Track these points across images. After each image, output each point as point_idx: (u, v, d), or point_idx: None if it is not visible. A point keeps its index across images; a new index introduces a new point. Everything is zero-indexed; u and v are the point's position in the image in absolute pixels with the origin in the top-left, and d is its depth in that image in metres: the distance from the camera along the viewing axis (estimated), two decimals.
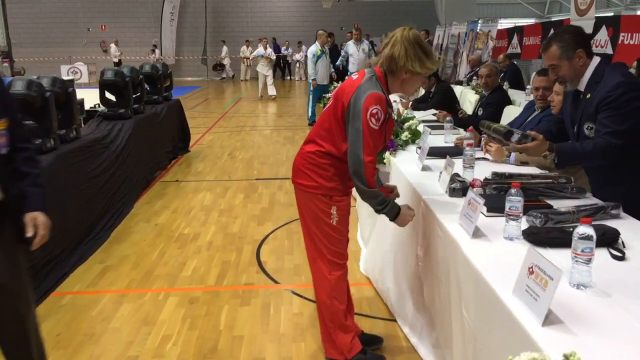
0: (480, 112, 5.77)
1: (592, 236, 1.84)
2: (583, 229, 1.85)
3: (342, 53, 13.25)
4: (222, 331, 3.43)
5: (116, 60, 24.11)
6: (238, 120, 12.66)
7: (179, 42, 25.60)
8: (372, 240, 4.18)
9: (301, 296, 3.88)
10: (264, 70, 16.51)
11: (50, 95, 4.40)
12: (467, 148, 3.33)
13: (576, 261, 1.87)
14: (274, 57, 17.11)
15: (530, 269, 1.79)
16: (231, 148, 9.32)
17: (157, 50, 24.55)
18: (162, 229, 5.28)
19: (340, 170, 2.78)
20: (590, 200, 2.82)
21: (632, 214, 2.59)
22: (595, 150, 2.79)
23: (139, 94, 7.00)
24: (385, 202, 2.70)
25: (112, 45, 24.52)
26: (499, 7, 26.41)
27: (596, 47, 10.99)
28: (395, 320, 3.49)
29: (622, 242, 2.24)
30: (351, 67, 12.08)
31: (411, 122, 4.48)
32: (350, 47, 12.54)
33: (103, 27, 26.01)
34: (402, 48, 2.66)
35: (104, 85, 6.39)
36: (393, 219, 2.76)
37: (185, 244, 4.89)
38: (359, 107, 2.60)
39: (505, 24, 20.86)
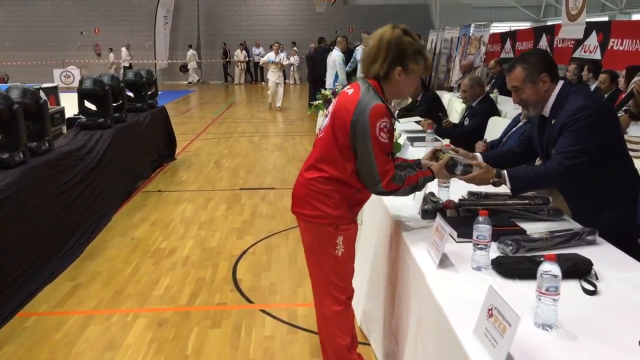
0: (466, 122, 5.66)
1: (557, 275, 1.71)
2: (548, 266, 1.73)
3: (352, 59, 13.10)
4: (188, 356, 3.30)
5: (127, 64, 24.06)
6: (228, 127, 12.52)
7: (172, 45, 25.46)
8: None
9: (274, 317, 3.75)
10: (275, 77, 15.04)
11: (18, 108, 4.28)
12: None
13: (540, 300, 1.75)
14: (286, 62, 16.19)
15: (490, 311, 1.66)
16: (218, 156, 9.19)
17: (112, 54, 24.44)
18: (138, 243, 5.15)
19: (346, 195, 2.58)
20: (567, 224, 2.70)
21: (608, 237, 2.48)
22: (547, 173, 2.68)
23: (120, 102, 6.87)
24: (416, 187, 2.61)
25: (123, 49, 24.38)
26: (494, 11, 26.29)
27: (585, 52, 10.93)
28: (369, 344, 3.36)
29: (595, 273, 2.12)
30: (341, 76, 11.87)
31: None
32: (359, 52, 12.39)
33: (96, 30, 25.89)
34: (391, 48, 2.48)
35: (82, 94, 6.26)
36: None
37: (161, 259, 4.76)
38: (365, 125, 2.40)
39: (500, 27, 20.81)
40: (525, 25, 22.74)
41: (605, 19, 17.40)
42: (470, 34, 13.40)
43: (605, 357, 1.61)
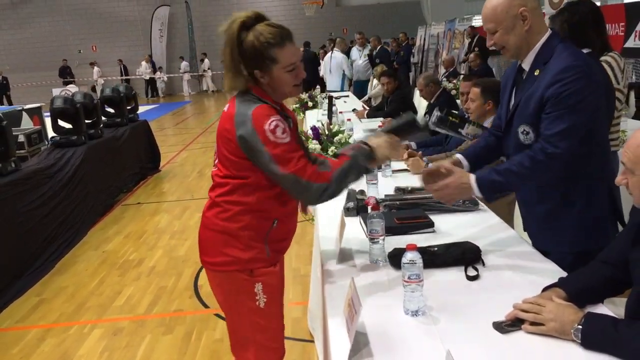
0: (426, 118, 5.73)
1: (417, 263, 1.79)
2: (409, 255, 1.80)
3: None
4: None
5: (147, 77, 24.34)
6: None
7: (169, 57, 25.67)
8: None
9: None
10: None
11: None
12: None
13: (405, 288, 1.82)
14: None
15: (349, 302, 1.74)
16: (202, 165, 9.30)
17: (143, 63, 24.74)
18: (108, 256, 5.26)
19: (260, 230, 2.09)
20: (482, 215, 2.77)
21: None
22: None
23: (95, 118, 7.00)
24: (353, 167, 2.07)
25: (143, 63, 24.63)
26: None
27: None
28: (313, 341, 3.44)
29: (483, 260, 2.19)
30: (350, 75, 11.97)
31: (341, 135, 4.44)
32: (354, 53, 12.46)
33: (94, 47, 26.16)
34: (246, 41, 1.99)
35: (55, 114, 6.39)
36: (371, 163, 2.15)
37: (127, 270, 4.87)
38: (252, 136, 1.95)
39: None
40: None
41: (597, 3, 17.30)
42: (455, 29, 13.45)
43: (459, 339, 1.67)
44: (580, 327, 1.57)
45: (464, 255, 2.19)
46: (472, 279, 2.07)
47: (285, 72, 2.02)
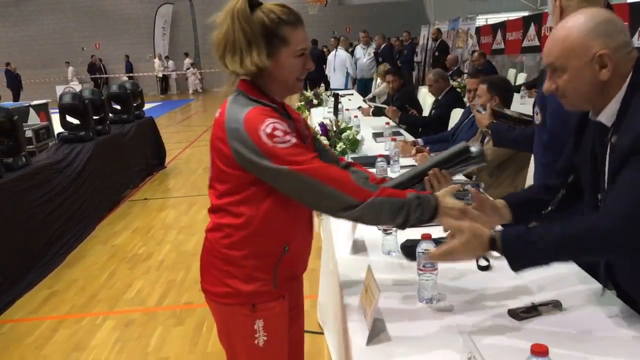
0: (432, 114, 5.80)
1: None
2: (424, 245, 1.86)
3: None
4: (149, 353, 3.45)
5: (161, 75, 24.42)
6: None
7: (172, 56, 25.73)
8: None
9: None
10: None
11: None
12: (379, 159, 3.33)
13: (420, 276, 1.88)
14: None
15: (365, 288, 1.80)
16: (207, 162, 9.20)
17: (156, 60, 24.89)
18: (117, 250, 5.32)
19: (269, 258, 1.82)
20: None
21: None
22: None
23: (102, 115, 7.06)
24: (398, 208, 1.69)
25: (156, 60, 24.71)
26: (490, 2, 26.28)
27: (530, 40, 10.87)
28: (323, 333, 3.50)
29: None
30: (353, 73, 12.03)
31: (349, 132, 4.49)
32: (358, 51, 12.50)
33: (97, 45, 26.22)
34: (241, 26, 1.70)
35: (63, 109, 6.45)
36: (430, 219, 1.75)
37: (137, 264, 4.93)
38: (249, 147, 1.66)
39: (498, 18, 20.78)
40: (523, 15, 22.69)
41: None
42: (458, 28, 13.50)
43: (475, 325, 1.73)
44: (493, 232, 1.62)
45: None
46: (483, 269, 2.12)
47: (294, 57, 1.74)
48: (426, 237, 1.87)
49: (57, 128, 7.26)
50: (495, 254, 1.65)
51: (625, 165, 1.51)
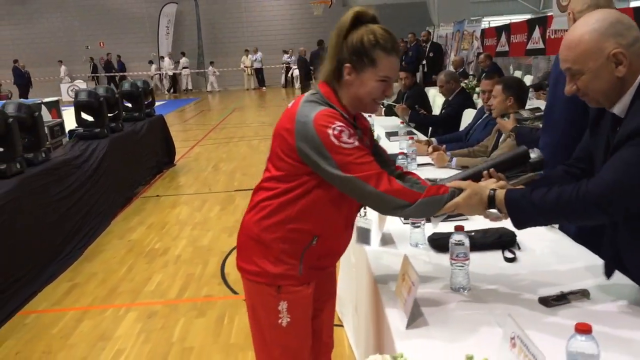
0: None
1: (464, 242, 1.94)
2: (457, 236, 1.96)
3: None
4: (174, 343, 3.55)
5: (171, 73, 24.57)
6: (228, 132, 12.81)
7: (176, 55, 25.84)
8: None
9: None
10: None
11: (13, 121, 4.56)
12: (400, 157, 3.44)
13: (453, 265, 1.98)
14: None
15: (403, 276, 1.89)
16: (216, 160, 9.46)
17: (154, 65, 25.05)
18: (134, 245, 5.42)
19: (296, 245, 1.93)
20: None
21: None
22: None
23: (116, 112, 7.16)
24: (440, 204, 1.88)
25: (166, 59, 24.83)
26: (493, 5, 26.43)
27: (535, 43, 10.95)
28: (342, 326, 3.60)
29: (518, 244, 2.34)
30: None
31: None
32: None
33: (101, 44, 26.33)
34: (340, 39, 1.88)
35: (78, 107, 6.55)
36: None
37: (154, 258, 5.02)
38: (315, 144, 1.79)
39: (501, 21, 20.90)
40: (525, 17, 22.82)
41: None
42: (464, 30, 13.61)
43: (507, 311, 1.82)
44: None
45: (501, 239, 2.34)
46: (510, 260, 2.23)
47: (376, 81, 1.86)
48: (459, 228, 1.97)
49: (68, 125, 7.37)
50: (493, 210, 1.89)
51: (621, 149, 1.64)
